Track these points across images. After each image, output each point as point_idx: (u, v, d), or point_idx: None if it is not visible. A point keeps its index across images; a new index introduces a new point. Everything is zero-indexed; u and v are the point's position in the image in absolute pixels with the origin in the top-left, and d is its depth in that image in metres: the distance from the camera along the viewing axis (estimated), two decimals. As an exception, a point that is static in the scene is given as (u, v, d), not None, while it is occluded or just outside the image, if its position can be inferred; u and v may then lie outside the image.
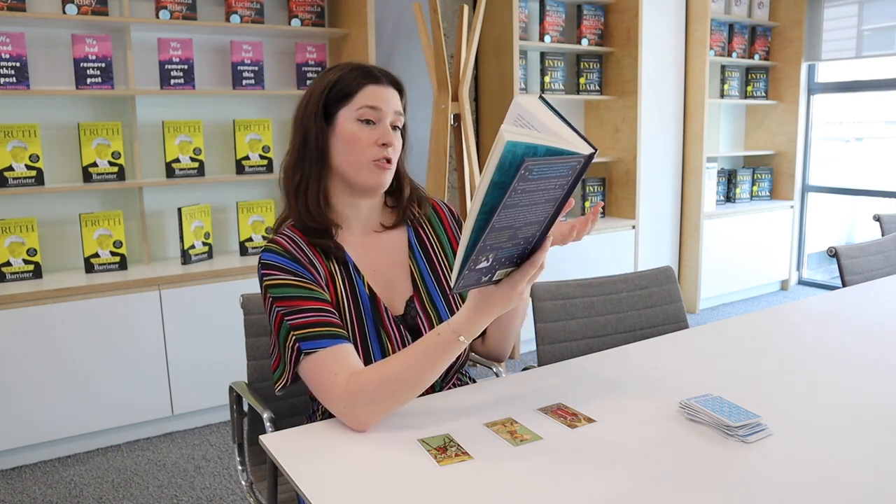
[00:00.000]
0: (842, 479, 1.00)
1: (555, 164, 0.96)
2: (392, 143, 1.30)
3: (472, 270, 1.04)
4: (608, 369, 1.47)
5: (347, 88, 1.29)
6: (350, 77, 1.30)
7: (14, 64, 2.73)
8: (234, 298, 2.74)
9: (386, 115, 1.30)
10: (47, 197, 2.95)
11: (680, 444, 1.11)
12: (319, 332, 1.20)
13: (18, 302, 2.58)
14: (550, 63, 4.02)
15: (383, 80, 1.32)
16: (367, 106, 1.29)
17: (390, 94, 1.32)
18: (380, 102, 1.29)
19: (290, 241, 1.29)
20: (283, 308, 1.22)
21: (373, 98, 1.29)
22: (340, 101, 1.29)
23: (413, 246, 1.41)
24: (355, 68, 1.32)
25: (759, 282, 5.05)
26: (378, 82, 1.31)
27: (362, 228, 1.38)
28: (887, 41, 4.65)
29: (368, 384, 1.15)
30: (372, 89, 1.30)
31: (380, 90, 1.30)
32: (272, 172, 3.28)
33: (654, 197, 4.50)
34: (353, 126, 1.28)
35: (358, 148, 1.28)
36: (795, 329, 1.75)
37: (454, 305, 1.39)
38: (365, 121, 1.29)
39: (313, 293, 1.24)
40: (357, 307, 1.30)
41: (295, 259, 1.26)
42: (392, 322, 1.32)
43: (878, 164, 5.40)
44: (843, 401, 1.29)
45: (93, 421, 2.75)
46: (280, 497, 1.45)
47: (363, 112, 1.28)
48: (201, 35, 3.18)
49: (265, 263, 1.26)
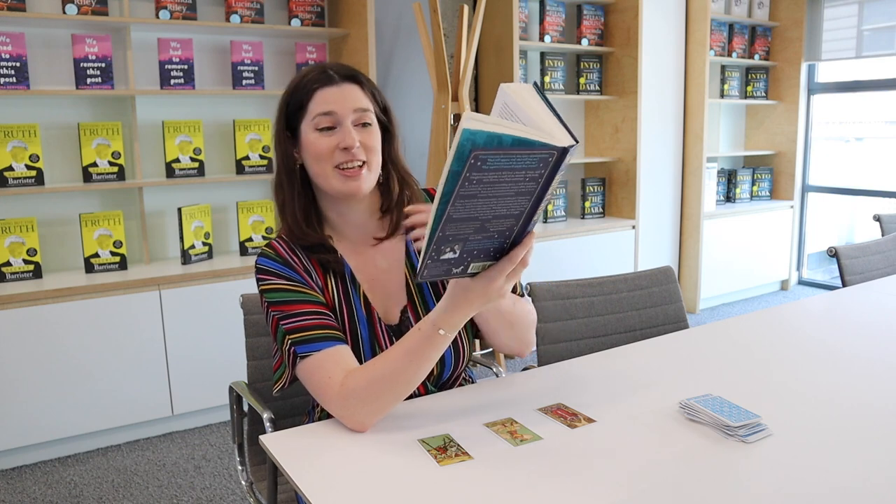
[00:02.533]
0: (842, 479, 1.00)
1: (516, 154, 0.92)
2: (352, 144, 1.22)
3: (435, 261, 1.01)
4: (608, 369, 1.47)
5: (300, 99, 1.25)
6: (301, 85, 1.25)
7: (14, 64, 2.73)
8: (234, 298, 2.74)
9: (344, 117, 1.23)
10: (47, 197, 2.95)
11: (680, 444, 1.11)
12: (313, 335, 1.19)
13: (18, 302, 2.58)
14: (550, 63, 4.02)
15: (335, 79, 1.24)
16: (319, 113, 1.23)
17: (345, 93, 1.24)
18: (332, 105, 1.23)
19: (286, 247, 1.28)
20: (278, 312, 1.22)
21: (324, 103, 1.23)
22: (297, 113, 1.25)
23: (411, 254, 1.35)
24: (308, 72, 1.26)
25: (759, 282, 5.05)
26: (328, 83, 1.24)
27: (359, 237, 1.34)
28: (887, 41, 4.65)
29: (359, 385, 1.14)
30: (322, 93, 1.23)
31: (331, 91, 1.23)
32: (272, 172, 3.27)
33: (654, 197, 4.50)
34: (312, 136, 1.24)
35: (321, 158, 1.23)
36: (795, 329, 1.75)
37: None
38: (323, 128, 1.23)
39: (307, 296, 1.23)
40: (352, 316, 1.28)
41: (288, 265, 1.26)
42: (385, 332, 1.29)
43: (878, 164, 5.40)
44: (843, 401, 1.29)
45: (93, 421, 2.75)
46: (280, 497, 1.45)
47: (318, 120, 1.23)
48: (201, 35, 3.18)
49: (259, 268, 1.26)
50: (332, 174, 1.24)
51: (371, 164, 1.26)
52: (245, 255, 3.24)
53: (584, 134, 4.46)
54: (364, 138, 1.25)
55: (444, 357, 1.31)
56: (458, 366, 1.35)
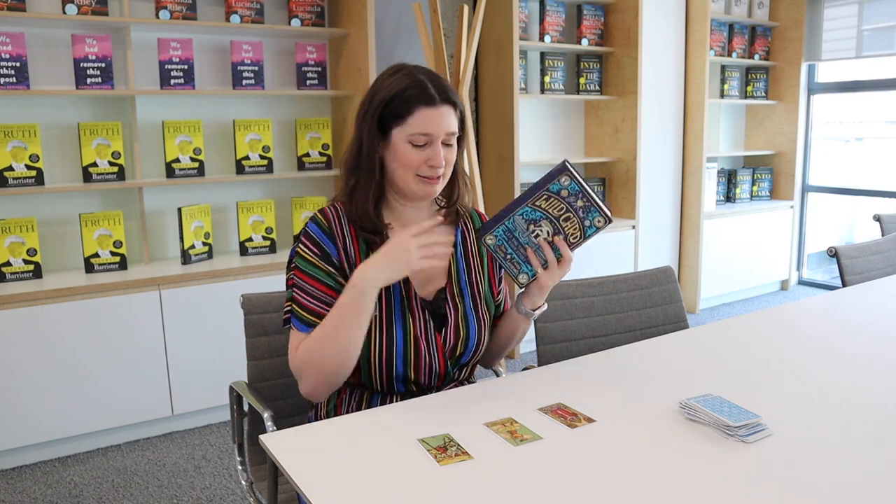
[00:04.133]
0: (841, 479, 1.00)
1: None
2: (441, 165, 1.34)
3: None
4: (608, 369, 1.47)
5: (401, 109, 1.33)
6: (405, 96, 1.33)
7: (14, 64, 2.73)
8: (234, 298, 2.74)
9: (437, 138, 1.34)
10: (47, 197, 2.95)
11: (680, 444, 1.11)
12: (306, 317, 1.33)
13: (18, 302, 2.58)
14: (550, 63, 4.02)
15: (437, 101, 1.33)
16: (418, 133, 1.32)
17: (443, 116, 1.34)
18: (431, 128, 1.32)
19: (335, 217, 1.39)
20: (296, 278, 1.35)
21: (425, 124, 1.32)
22: (394, 119, 1.34)
23: (458, 246, 1.47)
24: (413, 85, 1.33)
25: (759, 282, 5.05)
26: (431, 104, 1.32)
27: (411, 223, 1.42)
28: (887, 41, 4.65)
29: (305, 350, 1.31)
30: (424, 113, 1.32)
31: (432, 113, 1.32)
32: (272, 172, 3.27)
33: (654, 197, 4.50)
34: (404, 147, 1.33)
35: (408, 167, 1.34)
36: (795, 329, 1.75)
37: (479, 306, 1.45)
38: (417, 145, 1.33)
39: (326, 278, 1.34)
40: (387, 289, 1.36)
41: (331, 236, 1.37)
42: (419, 306, 1.39)
43: (878, 164, 5.41)
44: (843, 401, 1.29)
45: (93, 421, 2.75)
46: (280, 497, 1.45)
47: (415, 138, 1.33)
48: (201, 35, 3.18)
49: (306, 232, 1.38)
50: (413, 180, 1.36)
51: (446, 174, 1.40)
52: (245, 255, 3.24)
53: (584, 134, 4.46)
54: (448, 156, 1.37)
55: (469, 338, 1.41)
56: (478, 349, 1.45)
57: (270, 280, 3.02)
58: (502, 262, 1.36)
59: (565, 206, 1.31)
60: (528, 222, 1.32)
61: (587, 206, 1.30)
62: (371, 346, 1.34)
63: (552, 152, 4.29)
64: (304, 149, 3.37)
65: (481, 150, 3.94)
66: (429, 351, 1.37)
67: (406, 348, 1.35)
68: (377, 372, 1.35)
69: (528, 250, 1.34)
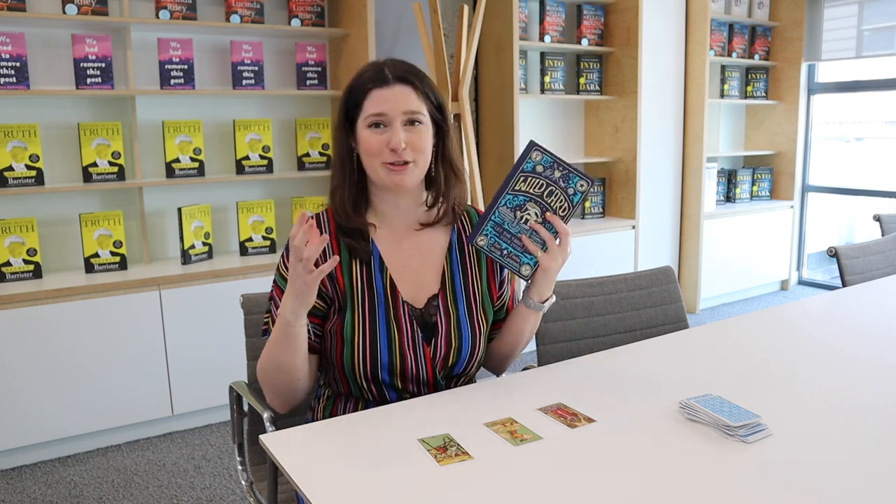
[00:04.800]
0: (841, 479, 1.00)
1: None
2: (398, 146, 1.29)
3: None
4: (608, 369, 1.47)
5: (356, 97, 1.33)
6: (359, 84, 1.33)
7: (14, 64, 2.73)
8: (234, 298, 2.73)
9: (394, 118, 1.30)
10: (47, 197, 2.95)
11: (680, 444, 1.11)
12: None
13: (18, 302, 2.58)
14: (550, 63, 4.02)
15: (389, 80, 1.31)
16: (372, 114, 1.30)
17: (397, 94, 1.31)
18: (383, 107, 1.30)
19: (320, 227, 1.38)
20: (275, 293, 1.37)
21: (377, 104, 1.30)
22: (354, 109, 1.33)
23: (453, 247, 1.43)
24: (367, 70, 1.35)
25: (759, 282, 5.05)
26: (383, 84, 1.31)
27: (402, 224, 1.41)
28: (887, 41, 4.65)
29: (258, 366, 1.34)
30: (377, 94, 1.31)
31: (384, 92, 1.31)
32: (272, 172, 3.27)
33: (654, 197, 4.50)
34: (365, 133, 1.32)
35: (371, 154, 1.32)
36: (795, 329, 1.75)
37: (475, 313, 1.40)
38: (375, 125, 1.31)
39: None
40: (371, 297, 1.34)
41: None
42: (406, 315, 1.35)
43: (878, 164, 5.40)
44: (843, 401, 1.29)
45: (93, 421, 2.75)
46: (280, 497, 1.45)
47: (371, 119, 1.31)
48: (201, 35, 3.18)
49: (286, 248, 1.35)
50: (380, 168, 1.32)
51: (418, 161, 1.33)
52: (245, 255, 3.24)
53: (584, 134, 4.46)
54: (412, 138, 1.32)
55: (462, 348, 1.36)
56: (472, 360, 1.39)
57: (270, 280, 3.01)
58: (500, 260, 1.33)
59: (544, 181, 1.30)
60: (513, 210, 1.31)
61: (566, 175, 1.30)
62: (354, 358, 1.31)
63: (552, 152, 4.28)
64: (304, 149, 3.37)
65: (481, 150, 3.94)
66: (416, 362, 1.33)
67: (391, 359, 1.32)
68: (363, 383, 1.33)
69: (522, 238, 1.32)
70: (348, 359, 1.31)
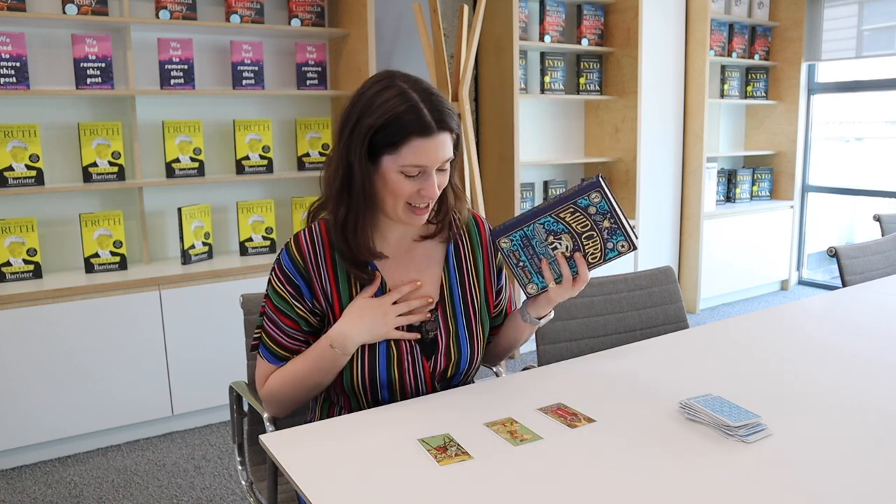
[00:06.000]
0: (841, 479, 1.00)
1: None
2: (434, 196, 1.25)
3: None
4: (608, 369, 1.47)
5: (394, 138, 1.20)
6: (399, 124, 1.19)
7: (14, 64, 2.73)
8: (234, 298, 2.74)
9: (432, 168, 1.23)
10: (47, 197, 2.95)
11: (680, 444, 1.11)
12: (276, 350, 1.33)
13: (18, 302, 2.58)
14: (550, 63, 4.02)
15: (433, 130, 1.20)
16: (412, 164, 1.21)
17: (439, 146, 1.22)
18: (425, 160, 1.21)
19: (310, 243, 1.32)
20: (268, 309, 1.33)
21: (419, 156, 1.21)
22: (385, 146, 1.21)
23: (450, 259, 1.40)
24: (407, 111, 1.20)
25: (759, 282, 5.05)
26: (427, 133, 1.20)
27: (399, 241, 1.37)
28: (887, 41, 4.65)
29: (275, 384, 1.33)
30: (418, 144, 1.20)
31: (427, 144, 1.20)
32: (272, 173, 3.27)
33: (654, 197, 4.50)
34: (395, 177, 1.22)
35: (398, 196, 1.24)
36: (795, 329, 1.75)
37: (474, 325, 1.39)
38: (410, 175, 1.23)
39: (295, 313, 1.31)
40: None
41: (303, 268, 1.30)
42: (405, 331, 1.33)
43: (878, 164, 5.40)
44: (843, 401, 1.29)
45: (93, 421, 2.75)
46: (280, 497, 1.45)
47: (408, 169, 1.22)
48: (201, 35, 3.18)
49: (278, 264, 1.33)
50: (402, 208, 1.27)
51: (434, 199, 1.29)
52: (245, 255, 3.24)
53: (584, 134, 4.46)
54: (441, 181, 1.27)
55: (461, 362, 1.36)
56: (470, 370, 1.40)
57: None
58: (513, 268, 1.31)
59: (591, 223, 1.24)
60: (548, 233, 1.26)
61: (613, 228, 1.24)
62: (353, 375, 1.30)
63: (552, 152, 4.29)
64: (304, 149, 3.37)
65: (481, 150, 3.94)
66: (415, 378, 1.33)
67: (390, 376, 1.31)
68: (362, 398, 1.33)
69: (542, 261, 1.28)
70: (347, 378, 1.31)
